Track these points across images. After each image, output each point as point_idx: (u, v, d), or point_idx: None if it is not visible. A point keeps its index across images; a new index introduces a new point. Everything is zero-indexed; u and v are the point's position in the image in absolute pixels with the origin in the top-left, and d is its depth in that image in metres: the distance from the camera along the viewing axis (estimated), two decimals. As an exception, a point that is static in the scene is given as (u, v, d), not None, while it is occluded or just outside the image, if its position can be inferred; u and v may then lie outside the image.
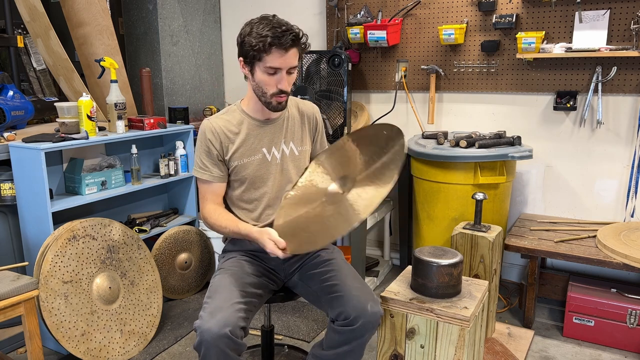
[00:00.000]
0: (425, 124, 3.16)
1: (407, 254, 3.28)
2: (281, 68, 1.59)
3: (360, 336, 1.55)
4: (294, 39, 1.57)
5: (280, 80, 1.61)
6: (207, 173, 1.73)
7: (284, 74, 1.61)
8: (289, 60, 1.59)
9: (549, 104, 2.84)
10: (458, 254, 1.58)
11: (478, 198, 2.22)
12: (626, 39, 2.58)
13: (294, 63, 1.61)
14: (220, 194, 1.77)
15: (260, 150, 1.75)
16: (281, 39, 1.54)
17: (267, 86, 1.63)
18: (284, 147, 1.77)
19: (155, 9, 3.28)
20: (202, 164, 1.73)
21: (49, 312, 2.07)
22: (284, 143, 1.78)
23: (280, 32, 1.55)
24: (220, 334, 1.42)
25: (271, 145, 1.76)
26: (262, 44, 1.55)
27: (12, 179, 2.31)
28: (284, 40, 1.55)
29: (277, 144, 1.77)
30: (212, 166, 1.73)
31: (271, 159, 1.76)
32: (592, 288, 2.51)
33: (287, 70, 1.61)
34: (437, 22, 3.01)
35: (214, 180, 1.74)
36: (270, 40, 1.54)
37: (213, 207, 1.74)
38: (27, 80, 3.17)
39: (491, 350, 2.30)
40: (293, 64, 1.61)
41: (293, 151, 1.79)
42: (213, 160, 1.72)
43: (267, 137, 1.76)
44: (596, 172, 2.79)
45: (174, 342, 2.47)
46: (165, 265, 2.79)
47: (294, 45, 1.58)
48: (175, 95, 3.47)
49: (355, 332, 1.53)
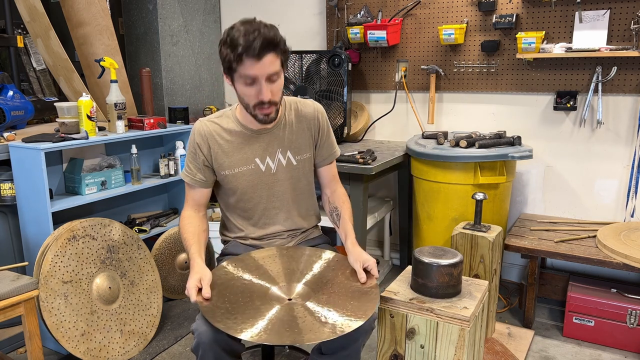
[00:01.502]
0: (425, 124, 3.16)
1: (407, 254, 3.28)
2: (257, 76, 1.45)
3: (355, 340, 1.54)
4: (265, 44, 1.41)
5: (260, 90, 1.48)
6: (189, 176, 1.67)
7: (262, 82, 1.46)
8: (264, 68, 1.44)
9: (549, 104, 2.84)
10: (458, 254, 1.58)
11: (478, 198, 2.22)
12: (626, 39, 2.58)
13: (272, 69, 1.46)
14: (199, 200, 1.70)
15: (253, 161, 1.66)
16: (250, 47, 1.40)
17: (248, 97, 1.51)
18: (280, 157, 1.68)
19: (155, 9, 3.28)
20: (187, 167, 1.68)
21: (49, 312, 2.07)
22: (281, 153, 1.68)
23: (251, 39, 1.40)
24: (217, 336, 1.40)
25: (265, 155, 1.67)
26: (233, 54, 1.43)
27: (12, 179, 2.31)
28: (254, 47, 1.40)
29: (272, 154, 1.67)
30: (196, 170, 1.66)
31: (265, 169, 1.67)
32: (592, 288, 2.51)
33: (267, 78, 1.47)
34: (437, 22, 3.01)
35: (195, 184, 1.67)
36: (241, 50, 1.41)
37: (188, 214, 1.68)
38: (27, 80, 3.17)
39: (491, 350, 2.30)
40: (271, 71, 1.46)
41: (290, 161, 1.69)
42: (198, 165, 1.66)
43: (261, 146, 1.66)
44: (596, 172, 2.79)
45: (174, 342, 2.47)
46: (165, 265, 2.79)
47: (267, 51, 1.43)
48: (175, 95, 3.47)
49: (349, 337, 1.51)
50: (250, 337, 1.27)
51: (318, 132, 1.74)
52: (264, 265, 1.60)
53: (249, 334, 1.28)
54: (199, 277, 1.44)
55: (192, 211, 1.70)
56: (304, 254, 1.66)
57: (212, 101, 3.78)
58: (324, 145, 1.76)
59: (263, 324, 1.32)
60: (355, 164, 2.53)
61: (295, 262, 1.62)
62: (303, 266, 1.60)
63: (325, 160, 1.78)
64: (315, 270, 1.59)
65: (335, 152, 1.80)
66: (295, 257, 1.65)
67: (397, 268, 3.34)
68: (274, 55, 1.46)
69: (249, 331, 1.29)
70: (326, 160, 1.78)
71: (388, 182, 3.37)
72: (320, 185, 1.82)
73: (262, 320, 1.34)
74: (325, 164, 1.78)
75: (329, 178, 1.80)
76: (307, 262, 1.63)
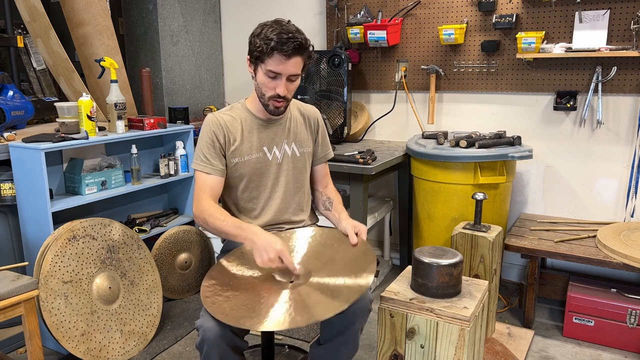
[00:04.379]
0: (425, 124, 3.16)
1: (407, 254, 3.28)
2: (281, 74, 1.60)
3: (352, 323, 1.57)
4: (297, 47, 1.57)
5: (279, 85, 1.62)
6: (208, 166, 1.71)
7: (283, 80, 1.62)
8: (289, 67, 1.60)
9: (549, 104, 2.84)
10: (458, 254, 1.58)
11: (478, 198, 2.22)
12: (626, 39, 2.58)
13: (296, 71, 1.62)
14: (217, 189, 1.73)
15: (262, 149, 1.76)
16: (284, 45, 1.55)
17: (266, 88, 1.65)
18: (285, 148, 1.79)
19: (155, 9, 3.28)
20: (203, 157, 1.71)
21: (49, 312, 2.07)
22: (286, 144, 1.79)
23: (286, 38, 1.55)
24: (222, 332, 1.42)
25: (272, 144, 1.78)
26: (265, 46, 1.57)
27: (12, 179, 2.31)
28: (287, 47, 1.56)
29: (278, 144, 1.78)
30: (214, 159, 1.71)
31: (272, 158, 1.77)
32: (592, 288, 2.51)
33: (287, 77, 1.62)
34: (437, 22, 3.01)
35: (214, 173, 1.71)
36: (274, 45, 1.55)
37: (210, 202, 1.71)
38: (27, 80, 3.17)
39: (491, 350, 2.30)
40: (294, 72, 1.62)
41: (295, 152, 1.81)
42: (216, 153, 1.71)
43: (269, 136, 1.77)
44: (596, 172, 2.79)
45: (174, 342, 2.47)
46: (165, 265, 2.79)
47: (297, 53, 1.59)
48: (175, 95, 3.47)
49: (346, 320, 1.54)
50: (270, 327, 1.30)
51: (317, 132, 1.91)
52: None
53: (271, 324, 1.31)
54: (277, 246, 1.49)
55: (211, 200, 1.71)
56: (294, 236, 1.75)
57: (212, 101, 3.78)
58: (321, 145, 1.92)
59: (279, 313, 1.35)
60: (355, 164, 2.53)
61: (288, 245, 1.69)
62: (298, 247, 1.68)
63: (321, 159, 1.94)
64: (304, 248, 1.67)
65: (330, 153, 1.97)
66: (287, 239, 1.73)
67: (397, 268, 3.34)
68: (301, 58, 1.62)
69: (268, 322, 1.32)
70: (322, 159, 1.94)
71: (388, 182, 3.37)
72: (314, 181, 1.95)
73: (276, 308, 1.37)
74: (321, 162, 1.94)
75: (322, 174, 1.95)
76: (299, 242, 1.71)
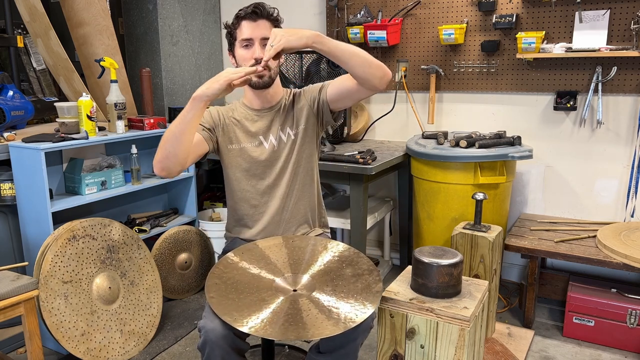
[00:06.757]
0: (425, 124, 3.16)
1: (407, 254, 3.28)
2: (252, 38, 1.69)
3: (353, 339, 1.55)
4: (261, 9, 1.69)
5: (254, 51, 1.69)
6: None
7: (256, 44, 1.69)
8: (258, 30, 1.69)
9: (549, 104, 2.84)
10: (458, 254, 1.58)
11: (478, 198, 2.22)
12: (626, 39, 2.58)
13: (266, 34, 1.68)
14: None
15: (258, 138, 1.82)
16: (249, 11, 1.69)
17: (244, 61, 1.70)
18: (281, 134, 1.83)
19: (155, 9, 3.28)
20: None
21: (49, 312, 2.07)
22: (281, 130, 1.83)
23: (249, 6, 1.69)
24: (224, 333, 1.42)
25: (268, 133, 1.82)
26: (235, 21, 1.73)
27: (12, 179, 2.31)
28: (251, 12, 1.69)
29: (274, 132, 1.83)
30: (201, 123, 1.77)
31: (268, 146, 1.82)
32: (592, 288, 2.51)
33: (260, 42, 1.69)
34: (437, 22, 3.01)
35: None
36: (240, 14, 1.71)
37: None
38: (27, 80, 3.17)
39: (491, 350, 2.30)
40: (265, 35, 1.68)
41: (290, 135, 1.84)
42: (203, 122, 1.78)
43: (265, 125, 1.82)
44: (596, 172, 2.79)
45: (174, 342, 2.47)
46: (165, 265, 2.79)
47: (262, 16, 1.69)
48: (175, 95, 3.47)
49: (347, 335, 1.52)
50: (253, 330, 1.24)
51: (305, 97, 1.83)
52: (270, 255, 1.61)
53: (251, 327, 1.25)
54: (222, 74, 1.57)
55: None
56: (309, 244, 1.68)
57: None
58: (312, 89, 1.82)
59: (266, 316, 1.31)
60: (355, 164, 2.53)
61: (301, 252, 1.64)
62: (308, 257, 1.62)
63: (328, 86, 1.78)
64: (320, 262, 1.60)
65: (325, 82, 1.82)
66: (301, 247, 1.67)
67: (397, 268, 3.34)
68: (268, 22, 1.71)
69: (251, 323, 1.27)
70: (328, 86, 1.78)
71: (388, 182, 3.37)
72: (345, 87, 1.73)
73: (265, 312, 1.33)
74: (325, 88, 1.79)
75: (337, 83, 1.76)
76: (312, 252, 1.64)
